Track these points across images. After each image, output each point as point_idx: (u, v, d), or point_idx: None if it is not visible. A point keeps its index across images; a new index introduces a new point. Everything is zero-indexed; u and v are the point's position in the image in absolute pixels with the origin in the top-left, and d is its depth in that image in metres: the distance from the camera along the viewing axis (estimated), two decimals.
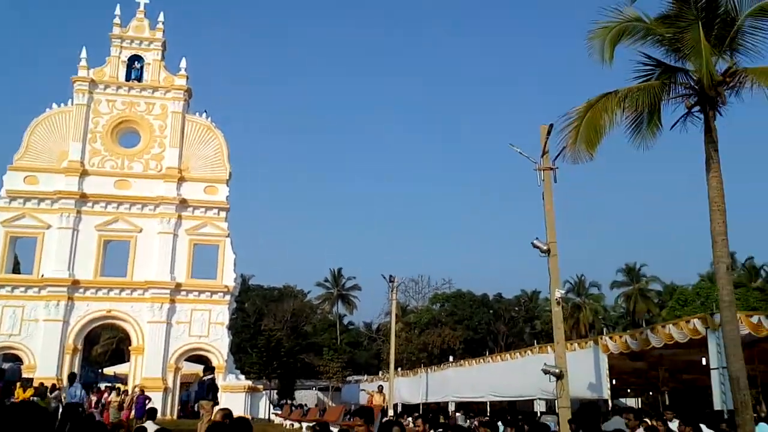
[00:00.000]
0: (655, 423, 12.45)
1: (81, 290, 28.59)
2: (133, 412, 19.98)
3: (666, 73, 12.38)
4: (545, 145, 14.25)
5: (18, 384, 19.55)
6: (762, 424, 10.79)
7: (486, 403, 27.10)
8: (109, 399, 19.95)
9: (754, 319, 14.04)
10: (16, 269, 31.87)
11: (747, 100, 12.02)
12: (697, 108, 11.99)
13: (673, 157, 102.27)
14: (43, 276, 28.34)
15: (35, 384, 19.58)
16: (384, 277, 31.32)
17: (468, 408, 29.02)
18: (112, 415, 19.16)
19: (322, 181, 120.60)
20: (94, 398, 20.02)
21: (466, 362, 30.14)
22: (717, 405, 13.08)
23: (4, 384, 19.19)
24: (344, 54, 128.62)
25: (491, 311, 65.81)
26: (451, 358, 36.03)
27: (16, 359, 28.95)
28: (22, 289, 28.23)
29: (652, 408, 25.77)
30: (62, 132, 30.30)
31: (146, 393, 24.43)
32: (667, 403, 21.83)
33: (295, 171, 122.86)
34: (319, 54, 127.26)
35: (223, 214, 30.75)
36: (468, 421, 25.96)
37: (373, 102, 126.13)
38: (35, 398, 17.73)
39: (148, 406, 16.15)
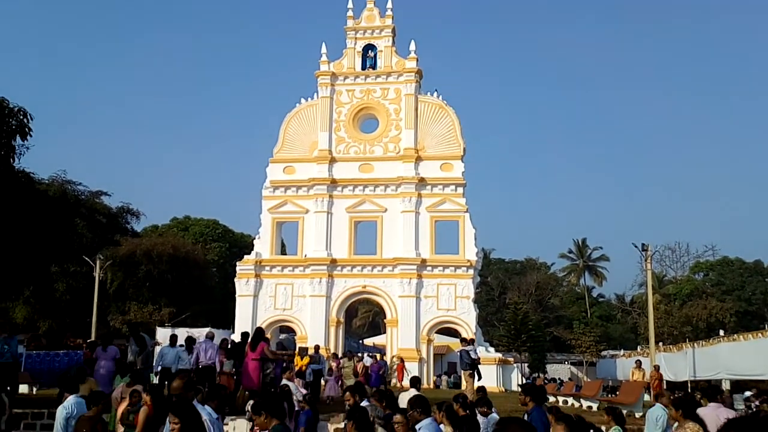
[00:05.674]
0: None
1: (338, 268, 31.12)
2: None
3: None
4: None
5: (296, 352, 21.68)
6: None
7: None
8: (340, 365, 20.84)
9: None
10: (282, 251, 35.85)
11: None
12: None
13: None
14: (306, 256, 31.42)
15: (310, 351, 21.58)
16: (636, 246, 28.98)
17: (745, 387, 25.76)
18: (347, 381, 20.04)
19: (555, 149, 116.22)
20: (334, 364, 21.44)
21: (741, 336, 26.82)
22: None
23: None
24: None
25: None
26: (721, 332, 32.38)
27: (290, 331, 32.65)
28: (290, 268, 31.61)
29: None
30: (311, 124, 33.12)
31: (404, 362, 26.75)
32: None
33: (528, 141, 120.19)
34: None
35: (460, 189, 31.07)
36: (745, 402, 23.03)
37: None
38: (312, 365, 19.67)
39: (410, 375, 16.80)
